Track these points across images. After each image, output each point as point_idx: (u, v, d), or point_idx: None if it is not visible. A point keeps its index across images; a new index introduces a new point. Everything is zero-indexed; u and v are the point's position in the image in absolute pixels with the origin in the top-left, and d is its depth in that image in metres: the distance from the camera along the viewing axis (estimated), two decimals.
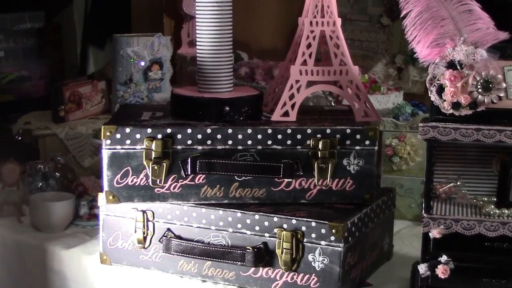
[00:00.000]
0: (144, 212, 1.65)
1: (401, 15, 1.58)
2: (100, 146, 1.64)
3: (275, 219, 1.56)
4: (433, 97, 1.52)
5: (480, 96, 1.49)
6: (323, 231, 1.52)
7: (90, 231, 1.89)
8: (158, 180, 1.61)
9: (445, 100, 1.51)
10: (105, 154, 1.62)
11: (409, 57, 2.39)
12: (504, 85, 1.50)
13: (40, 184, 2.01)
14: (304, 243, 1.53)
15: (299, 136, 1.61)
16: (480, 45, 1.52)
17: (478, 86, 1.50)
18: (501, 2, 2.33)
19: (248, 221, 1.58)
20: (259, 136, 1.61)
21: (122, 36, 2.25)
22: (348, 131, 1.61)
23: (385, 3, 2.51)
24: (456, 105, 1.50)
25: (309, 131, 1.61)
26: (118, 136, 1.61)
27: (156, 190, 1.62)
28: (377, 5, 2.54)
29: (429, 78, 1.53)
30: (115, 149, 1.61)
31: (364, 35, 2.58)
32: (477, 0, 1.58)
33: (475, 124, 1.49)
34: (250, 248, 1.57)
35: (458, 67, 1.50)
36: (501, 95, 1.50)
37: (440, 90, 1.51)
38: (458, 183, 1.64)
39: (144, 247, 1.67)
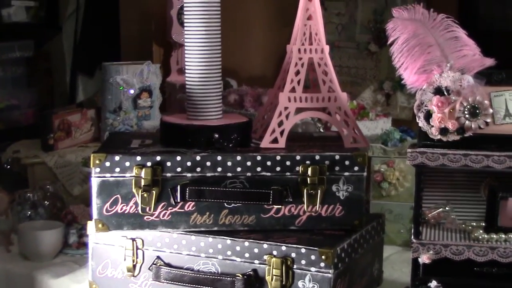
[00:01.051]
0: (133, 240, 1.65)
1: (389, 42, 1.59)
2: (90, 174, 1.63)
3: (265, 246, 1.56)
4: (421, 123, 1.53)
5: (467, 122, 1.51)
6: (312, 257, 1.51)
7: (79, 260, 1.87)
8: (147, 208, 1.61)
9: (433, 126, 1.52)
10: (95, 182, 1.61)
11: (397, 83, 2.41)
12: (491, 110, 1.51)
13: (29, 212, 2.00)
14: (294, 270, 1.53)
15: (288, 163, 1.61)
16: (467, 71, 1.53)
17: (465, 112, 1.51)
18: (486, 29, 2.37)
19: (237, 248, 1.57)
20: (249, 163, 1.61)
21: (111, 64, 2.25)
22: (337, 157, 1.61)
23: (372, 30, 2.54)
24: (443, 131, 1.51)
25: (298, 157, 1.61)
26: (107, 164, 1.61)
27: (145, 218, 1.62)
28: (364, 32, 2.56)
29: (416, 104, 1.54)
30: (104, 177, 1.61)
31: (352, 61, 2.60)
32: (463, 27, 1.60)
33: (463, 149, 1.50)
34: (240, 275, 1.56)
35: (445, 93, 1.52)
36: (488, 120, 1.51)
37: (428, 116, 1.52)
38: (447, 208, 1.65)
39: (133, 275, 1.66)
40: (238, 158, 1.61)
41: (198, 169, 1.61)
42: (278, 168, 1.61)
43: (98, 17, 2.94)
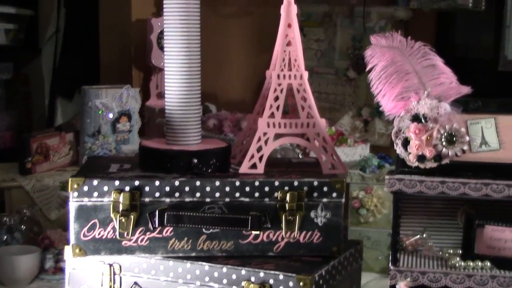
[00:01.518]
0: (111, 265, 1.63)
1: (367, 69, 1.61)
2: (67, 199, 1.62)
3: (243, 272, 1.55)
4: (399, 150, 1.54)
5: (444, 149, 1.52)
6: (290, 283, 1.51)
7: (56, 286, 1.86)
8: (125, 233, 1.60)
9: (410, 153, 1.53)
10: (72, 206, 1.60)
11: (375, 110, 2.43)
12: (468, 138, 1.53)
13: (5, 237, 1.98)
14: None
15: (266, 189, 1.61)
16: (444, 99, 1.55)
17: (442, 139, 1.52)
18: (462, 56, 2.39)
19: (216, 274, 1.57)
20: (227, 189, 1.61)
21: (90, 88, 2.25)
22: (316, 183, 1.61)
23: (351, 57, 2.56)
24: (421, 158, 1.52)
25: (276, 183, 1.61)
26: (85, 188, 1.60)
27: (123, 243, 1.61)
28: (343, 58, 2.58)
29: (394, 131, 1.55)
30: (82, 201, 1.60)
31: (331, 88, 2.62)
32: (439, 55, 1.62)
33: (440, 176, 1.51)
34: None
35: (423, 120, 1.53)
36: (465, 148, 1.52)
37: (406, 143, 1.53)
38: (424, 235, 1.65)
39: None
40: (217, 183, 1.61)
41: (177, 194, 1.60)
42: (256, 194, 1.61)
43: (77, 40, 2.94)
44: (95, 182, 1.60)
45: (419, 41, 1.62)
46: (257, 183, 1.61)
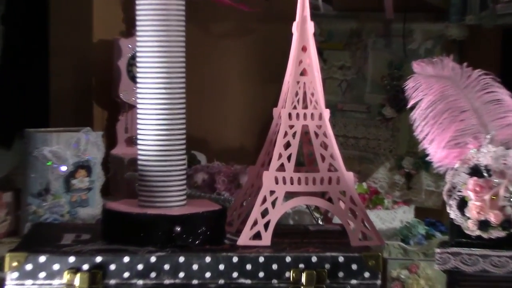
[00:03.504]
0: None
1: (409, 106, 1.62)
2: (3, 281, 1.62)
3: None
4: (454, 213, 1.54)
5: None
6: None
7: None
8: None
9: (469, 218, 1.53)
10: None
11: (421, 160, 2.43)
12: None
13: None
14: None
15: (275, 267, 1.61)
16: None
17: None
18: None
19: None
20: (221, 267, 1.61)
21: (36, 132, 2.26)
22: (341, 259, 1.62)
23: (388, 89, 2.57)
24: (484, 225, 1.52)
25: (288, 259, 1.62)
26: (28, 267, 1.60)
27: None
28: (377, 91, 2.60)
29: (447, 189, 1.55)
30: (23, 284, 1.60)
31: (360, 130, 2.63)
32: (506, 87, 1.63)
33: (510, 250, 1.51)
34: None
35: (485, 174, 1.54)
36: None
37: (462, 204, 1.54)
38: None
39: None
40: (208, 259, 1.61)
41: (153, 275, 1.60)
42: (261, 274, 1.61)
43: (19, 68, 2.96)
44: (42, 259, 1.60)
45: (478, 69, 1.64)
46: (261, 260, 1.61)
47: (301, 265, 1.61)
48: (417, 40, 2.53)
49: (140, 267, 1.60)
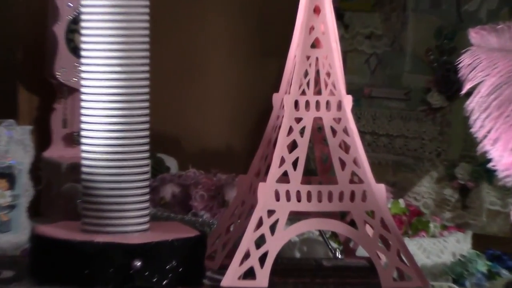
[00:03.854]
0: None
1: (463, 91, 1.63)
2: None
3: None
4: None
5: None
6: None
7: None
8: None
9: None
10: None
11: (481, 168, 2.45)
12: None
13: None
14: None
15: None
16: None
17: None
18: None
19: None
20: None
21: None
22: None
23: (434, 66, 2.58)
24: None
25: None
26: None
27: None
28: (420, 71, 2.61)
29: None
30: None
31: (396, 125, 2.64)
32: None
33: None
34: None
35: None
36: None
37: None
38: None
39: None
40: None
41: None
42: None
43: None
44: None
45: None
46: None
47: None
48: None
49: None
